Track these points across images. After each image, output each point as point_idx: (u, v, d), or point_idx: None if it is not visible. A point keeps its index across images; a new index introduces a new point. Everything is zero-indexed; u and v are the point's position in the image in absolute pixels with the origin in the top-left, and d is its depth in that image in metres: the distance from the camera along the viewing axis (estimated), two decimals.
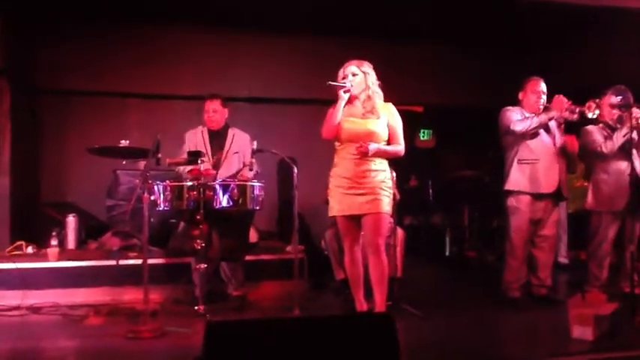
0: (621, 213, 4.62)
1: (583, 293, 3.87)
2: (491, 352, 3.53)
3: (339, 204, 3.87)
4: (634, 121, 4.46)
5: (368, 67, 3.98)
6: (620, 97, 4.67)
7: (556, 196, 4.63)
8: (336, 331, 2.46)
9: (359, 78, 3.92)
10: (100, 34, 6.49)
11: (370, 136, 3.83)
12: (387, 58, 3.95)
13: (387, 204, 3.83)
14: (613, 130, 4.69)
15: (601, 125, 4.75)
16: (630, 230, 4.68)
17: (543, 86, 4.65)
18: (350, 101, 3.93)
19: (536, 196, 4.56)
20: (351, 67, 3.95)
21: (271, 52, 6.99)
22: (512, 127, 4.53)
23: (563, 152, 4.66)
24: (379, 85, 3.99)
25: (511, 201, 4.60)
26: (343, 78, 3.93)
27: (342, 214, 3.88)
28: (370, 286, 3.90)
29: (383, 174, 3.86)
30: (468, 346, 3.64)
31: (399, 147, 3.91)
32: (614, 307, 3.73)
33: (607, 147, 4.60)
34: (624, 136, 4.51)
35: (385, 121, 3.89)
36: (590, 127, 4.77)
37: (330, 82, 3.85)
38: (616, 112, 4.68)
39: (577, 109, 4.58)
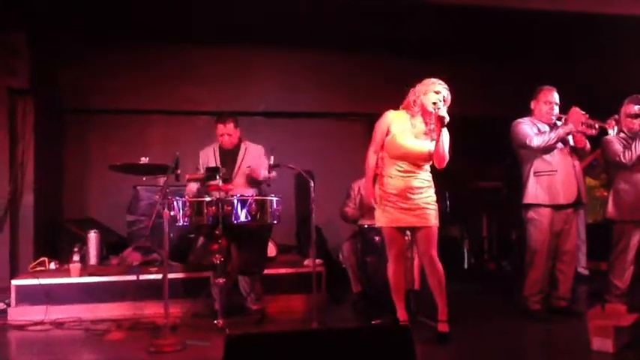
0: None
1: (603, 304, 3.84)
2: None
3: (389, 216, 3.92)
4: None
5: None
6: (638, 107, 4.65)
7: (575, 204, 4.61)
8: (354, 344, 2.48)
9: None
10: (120, 53, 6.60)
11: (426, 158, 3.91)
12: (400, 71, 4.00)
13: (435, 217, 3.92)
14: (632, 140, 4.67)
15: (621, 135, 4.73)
16: None
17: (556, 96, 4.64)
18: (413, 115, 3.94)
19: (556, 208, 4.54)
20: (445, 89, 3.90)
21: (287, 67, 7.05)
22: (529, 143, 4.51)
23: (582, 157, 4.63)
24: None
25: (531, 214, 4.59)
26: (435, 94, 3.87)
27: (392, 226, 3.93)
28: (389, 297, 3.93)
29: (429, 190, 3.94)
30: (486, 357, 3.63)
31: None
32: (634, 318, 3.70)
33: (626, 157, 4.57)
34: None
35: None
36: (610, 137, 4.73)
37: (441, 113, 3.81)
38: (636, 122, 4.65)
39: (597, 125, 4.55)
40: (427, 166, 3.97)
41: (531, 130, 4.56)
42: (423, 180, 3.92)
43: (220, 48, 6.85)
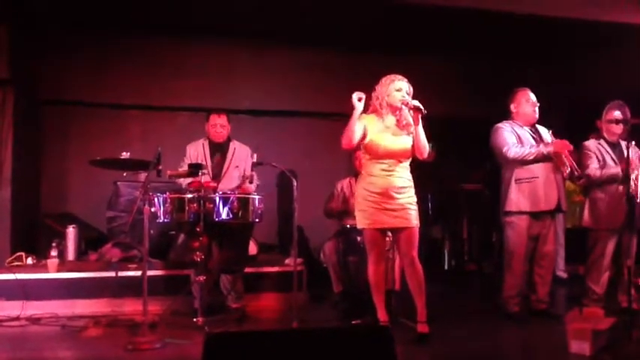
0: (618, 230, 4.64)
1: (581, 308, 3.88)
2: None
3: (370, 217, 3.91)
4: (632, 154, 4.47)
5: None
6: (619, 112, 4.70)
7: (555, 211, 4.64)
8: (334, 343, 2.47)
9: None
10: (102, 45, 6.54)
11: (407, 153, 3.93)
12: (386, 71, 3.98)
13: (415, 217, 3.93)
14: (613, 146, 4.73)
15: (601, 141, 4.78)
16: (627, 245, 4.67)
17: (533, 95, 4.66)
18: (379, 114, 3.94)
19: (536, 214, 4.56)
20: (404, 83, 3.93)
21: (272, 64, 7.03)
22: (505, 153, 4.52)
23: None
24: None
25: (510, 218, 4.60)
26: (399, 91, 3.90)
27: (373, 227, 3.92)
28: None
29: (411, 190, 3.95)
30: (465, 358, 3.65)
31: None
32: (611, 321, 3.74)
33: (594, 173, 4.65)
34: (614, 174, 4.57)
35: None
36: (589, 144, 4.78)
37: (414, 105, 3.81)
38: (618, 127, 4.71)
39: (571, 166, 4.51)
40: (407, 165, 3.98)
41: (510, 139, 4.55)
42: (406, 179, 3.93)
43: (204, 44, 6.81)
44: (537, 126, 4.72)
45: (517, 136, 4.59)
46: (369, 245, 4.00)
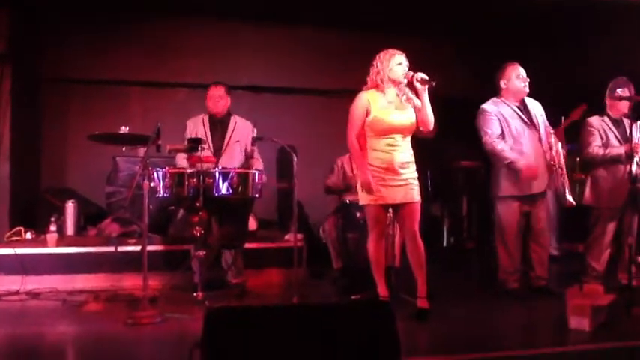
0: (620, 208, 4.62)
1: (580, 284, 3.89)
2: (488, 342, 3.54)
3: (374, 194, 3.88)
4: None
5: None
6: (622, 89, 4.66)
7: (542, 193, 4.61)
8: (334, 319, 2.47)
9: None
10: (102, 22, 6.46)
11: (412, 128, 3.92)
12: (386, 48, 3.94)
13: (418, 193, 3.93)
14: (617, 123, 4.69)
15: (605, 118, 4.74)
16: (629, 223, 4.67)
17: (522, 70, 4.57)
18: (381, 89, 3.91)
19: (528, 197, 4.54)
20: (403, 57, 3.91)
21: (272, 41, 6.98)
22: (482, 138, 4.52)
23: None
24: None
25: (500, 198, 4.59)
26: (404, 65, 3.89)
27: (377, 204, 3.91)
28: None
29: (413, 165, 3.94)
30: (465, 335, 3.66)
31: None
32: (611, 298, 3.75)
33: (596, 152, 4.63)
34: (617, 155, 4.54)
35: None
36: (592, 121, 4.74)
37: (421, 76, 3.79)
38: (622, 104, 4.66)
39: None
40: (409, 139, 3.95)
41: (491, 128, 4.50)
42: (408, 155, 3.92)
43: (204, 19, 6.75)
44: (527, 99, 4.63)
45: (502, 121, 4.52)
46: (371, 222, 3.98)
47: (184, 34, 6.78)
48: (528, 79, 4.57)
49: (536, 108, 4.64)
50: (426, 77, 3.79)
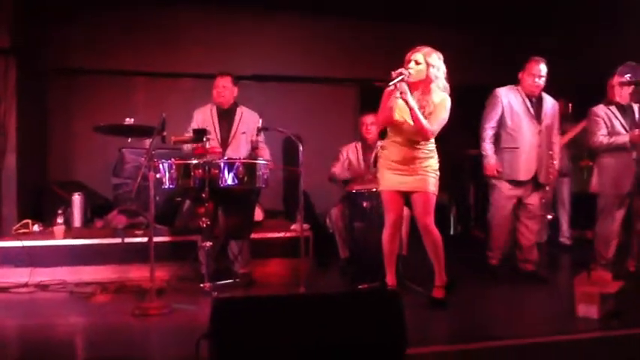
0: (628, 195, 4.60)
1: (589, 272, 3.87)
2: (496, 330, 3.54)
3: (388, 180, 3.93)
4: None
5: (436, 59, 3.82)
6: (629, 75, 4.62)
7: (534, 182, 4.64)
8: (342, 308, 2.47)
9: (421, 67, 3.79)
10: (106, 13, 6.45)
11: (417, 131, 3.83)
12: (392, 38, 3.92)
13: (433, 184, 3.89)
14: (623, 110, 4.65)
15: (611, 106, 4.70)
16: (637, 209, 4.65)
17: (542, 68, 4.59)
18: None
19: (515, 182, 4.62)
20: (417, 55, 3.80)
21: (277, 30, 6.95)
22: (481, 122, 4.70)
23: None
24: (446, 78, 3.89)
25: (492, 180, 4.72)
26: (407, 62, 3.79)
27: (390, 189, 3.92)
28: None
29: (431, 160, 3.91)
30: (473, 323, 3.66)
31: (429, 125, 3.78)
32: (619, 285, 3.73)
33: (601, 141, 4.63)
34: (622, 143, 4.53)
35: None
36: (597, 110, 4.72)
37: (378, 83, 3.73)
38: (629, 89, 4.63)
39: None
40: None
41: (490, 113, 4.67)
42: (425, 150, 3.88)
43: (209, 9, 6.71)
44: (545, 97, 4.69)
45: (507, 108, 4.61)
46: (386, 207, 4.00)
47: (190, 23, 6.76)
48: (543, 76, 4.58)
49: (550, 107, 4.69)
50: (396, 79, 3.64)
